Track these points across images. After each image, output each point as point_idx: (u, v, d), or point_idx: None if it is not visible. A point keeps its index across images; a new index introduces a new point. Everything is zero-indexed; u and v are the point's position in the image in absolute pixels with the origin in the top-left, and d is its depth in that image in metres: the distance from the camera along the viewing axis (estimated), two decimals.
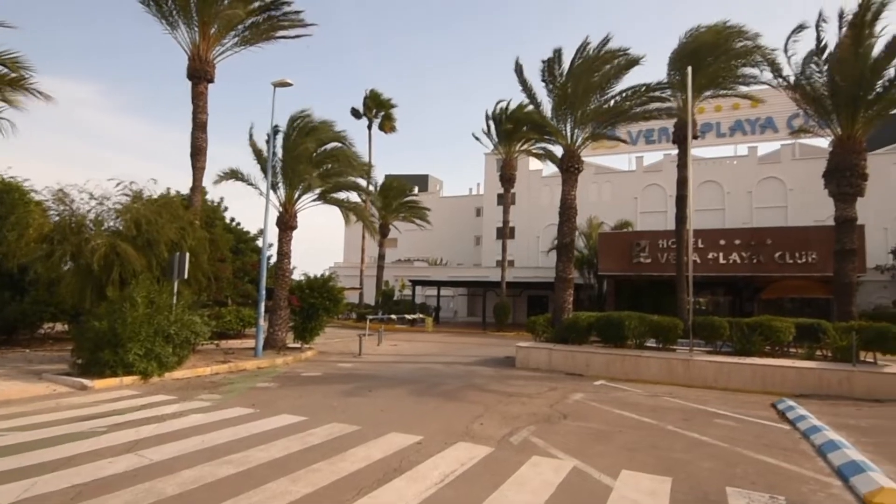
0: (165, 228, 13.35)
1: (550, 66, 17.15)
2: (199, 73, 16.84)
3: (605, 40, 16.45)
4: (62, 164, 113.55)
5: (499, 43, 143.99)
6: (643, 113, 18.19)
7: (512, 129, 29.02)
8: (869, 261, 26.17)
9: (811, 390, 11.56)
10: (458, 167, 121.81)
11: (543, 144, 21.06)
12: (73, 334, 13.42)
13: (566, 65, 17.07)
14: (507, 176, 31.84)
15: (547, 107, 18.15)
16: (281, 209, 18.08)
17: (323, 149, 18.38)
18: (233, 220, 23.77)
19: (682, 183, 18.11)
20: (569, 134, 17.63)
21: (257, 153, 18.50)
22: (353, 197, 22.55)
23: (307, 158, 17.60)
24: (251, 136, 18.56)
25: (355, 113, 38.62)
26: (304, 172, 17.42)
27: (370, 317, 25.99)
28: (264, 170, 17.85)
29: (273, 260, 19.60)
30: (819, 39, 16.36)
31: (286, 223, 17.98)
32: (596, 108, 17.38)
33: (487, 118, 31.30)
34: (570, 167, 17.48)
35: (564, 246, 17.35)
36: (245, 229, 24.22)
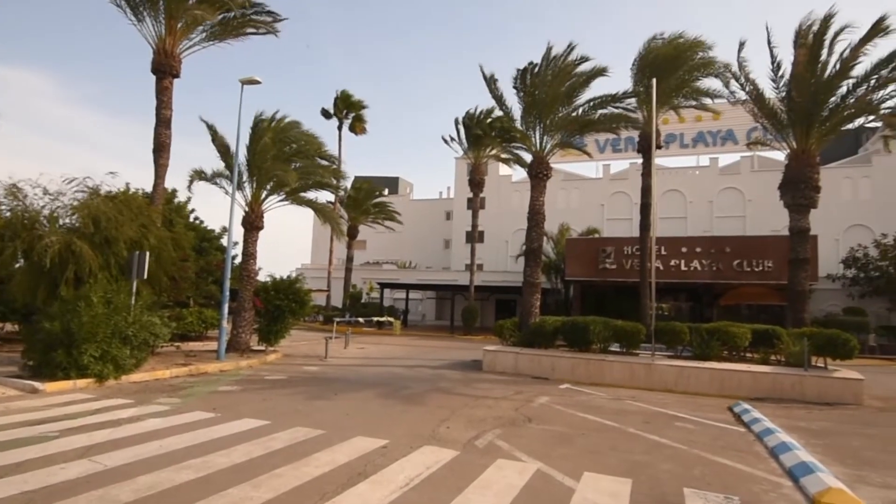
0: (125, 226, 12.91)
1: (523, 75, 17.38)
2: (165, 68, 16.40)
3: (570, 48, 16.77)
4: (13, 156, 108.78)
5: (472, 47, 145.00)
6: (609, 122, 18.59)
7: (482, 134, 29.25)
8: (821, 270, 27.37)
9: (765, 394, 11.99)
10: (429, 171, 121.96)
11: (513, 150, 21.29)
12: (23, 335, 12.85)
13: (532, 74, 17.31)
14: (476, 181, 32.05)
15: (516, 113, 18.40)
16: (247, 209, 17.74)
17: (291, 148, 18.12)
18: (196, 218, 23.22)
19: (646, 191, 18.58)
20: (537, 141, 17.87)
21: (222, 151, 18.10)
22: (322, 198, 22.33)
23: (274, 157, 17.31)
24: (213, 133, 18.12)
25: (325, 113, 38.23)
26: (270, 171, 17.13)
27: (337, 319, 25.71)
28: (229, 168, 17.50)
29: (238, 260, 19.20)
30: (774, 57, 17.08)
31: (252, 223, 17.65)
32: (564, 116, 17.67)
33: (457, 123, 31.45)
34: (538, 173, 17.71)
35: (532, 251, 17.56)
36: (209, 228, 23.68)
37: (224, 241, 20.86)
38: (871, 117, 17.77)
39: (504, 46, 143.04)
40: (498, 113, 22.57)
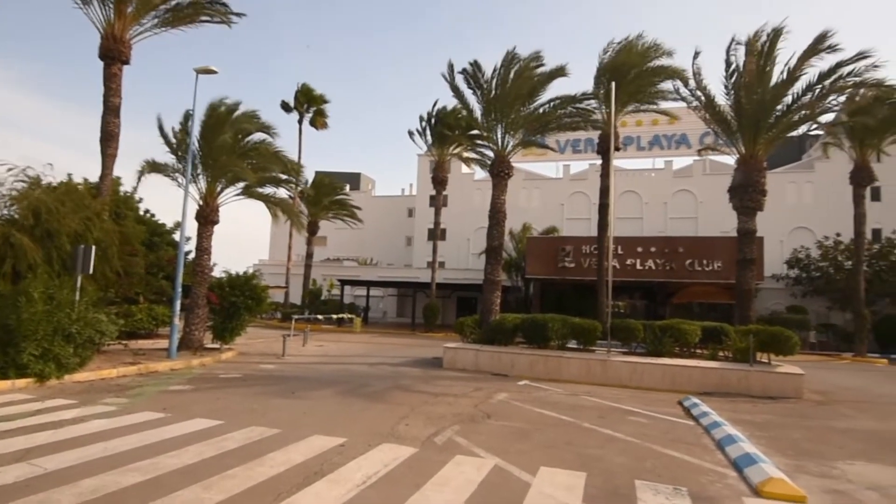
0: (68, 218, 12.31)
1: (479, 74, 17.49)
2: (113, 54, 15.70)
3: (535, 55, 17.00)
4: None
5: (437, 45, 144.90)
6: (570, 123, 18.95)
7: (445, 132, 29.30)
8: (767, 270, 28.67)
9: (714, 388, 12.47)
10: (392, 168, 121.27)
11: (476, 149, 21.41)
12: None
13: (494, 72, 17.44)
14: (439, 178, 32.08)
15: (480, 113, 18.48)
16: (201, 202, 17.17)
17: (248, 140, 17.65)
18: (147, 211, 22.33)
19: (604, 192, 19.02)
20: (499, 140, 18.02)
21: (176, 142, 17.45)
22: (282, 192, 21.79)
23: (230, 150, 16.82)
24: (160, 124, 17.45)
25: (285, 107, 37.36)
26: (226, 164, 16.63)
27: (296, 316, 25.27)
28: (180, 160, 16.90)
29: (192, 256, 18.58)
30: (729, 65, 17.76)
31: (207, 217, 17.11)
32: (525, 115, 17.89)
33: (422, 120, 31.39)
34: (500, 172, 17.87)
35: (493, 249, 17.71)
36: (161, 222, 22.81)
37: (177, 236, 20.12)
38: (814, 126, 18.77)
39: (469, 45, 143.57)
40: (462, 112, 22.60)
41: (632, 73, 18.38)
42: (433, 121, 30.65)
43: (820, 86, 16.88)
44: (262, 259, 48.55)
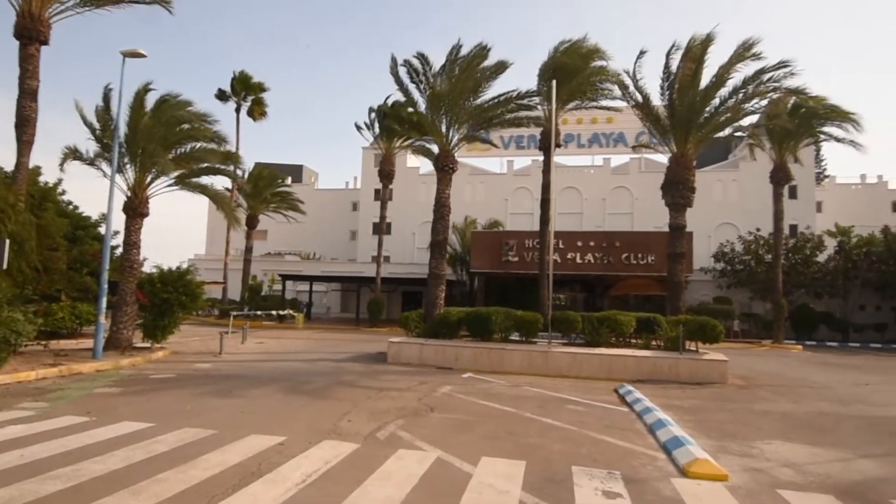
0: None
1: (424, 68, 17.45)
2: (30, 33, 14.55)
3: (482, 50, 17.08)
4: None
5: (387, 37, 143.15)
6: (513, 119, 19.25)
7: (393, 126, 29.03)
8: (696, 263, 30.29)
9: (647, 376, 13.08)
10: (336, 160, 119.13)
11: (422, 142, 21.36)
12: None
13: (439, 66, 17.46)
14: (385, 171, 31.77)
15: (425, 106, 18.43)
16: (129, 193, 16.20)
17: (181, 128, 16.78)
18: (70, 203, 20.89)
19: (545, 187, 19.46)
20: (445, 134, 18.05)
21: (101, 129, 16.37)
22: (219, 184, 20.92)
23: (161, 138, 15.94)
24: (80, 109, 16.31)
25: (222, 95, 35.71)
26: (156, 154, 15.71)
27: (234, 313, 24.38)
28: (104, 148, 15.89)
29: (119, 250, 17.52)
30: (667, 67, 18.54)
31: (135, 209, 16.14)
32: (470, 110, 18.00)
33: (371, 112, 30.92)
34: (445, 166, 17.91)
35: (438, 243, 17.76)
36: (85, 214, 21.41)
37: (103, 230, 18.93)
38: (739, 127, 19.97)
39: (418, 38, 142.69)
40: (409, 107, 22.42)
41: (573, 73, 18.83)
42: (382, 114, 30.27)
43: (744, 90, 17.99)
44: (198, 254, 46.52)
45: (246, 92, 35.59)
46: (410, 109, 20.96)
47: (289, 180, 45.61)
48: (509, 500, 4.89)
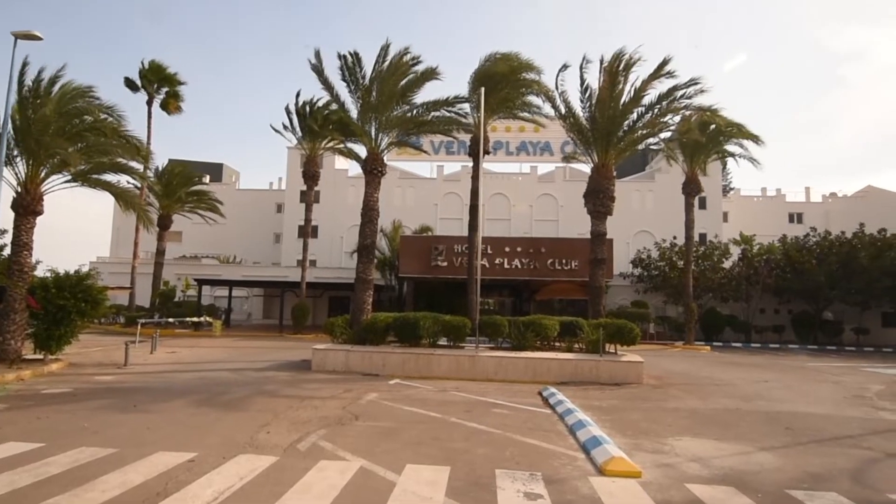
0: None
1: (352, 69, 17.15)
2: None
3: (411, 55, 17.06)
4: None
5: (311, 33, 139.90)
6: (443, 125, 19.31)
7: (317, 125, 28.21)
8: (616, 269, 31.73)
9: (569, 378, 13.48)
10: (260, 160, 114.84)
11: (349, 145, 20.95)
12: None
13: (369, 68, 17.24)
14: (310, 173, 30.84)
15: (352, 107, 18.13)
16: (20, 189, 14.65)
17: (84, 119, 15.38)
18: None
19: (474, 193, 19.69)
20: (373, 137, 17.81)
21: None
22: (127, 181, 19.27)
23: (58, 129, 14.53)
24: None
25: (131, 85, 32.86)
26: (51, 145, 14.29)
27: (143, 321, 22.67)
28: None
29: (7, 252, 15.76)
30: (583, 81, 19.35)
31: (27, 207, 14.57)
32: (400, 115, 17.88)
33: (289, 112, 29.79)
34: (373, 169, 17.66)
35: (365, 247, 17.47)
36: None
37: None
38: (655, 140, 21.20)
39: (343, 38, 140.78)
40: (334, 106, 21.89)
41: (502, 83, 19.21)
42: (305, 113, 29.30)
43: (658, 106, 19.11)
44: (101, 256, 43.04)
45: (159, 83, 33.19)
46: (335, 107, 20.39)
47: (207, 179, 43.38)
48: None
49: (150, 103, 33.08)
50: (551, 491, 5.31)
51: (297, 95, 28.69)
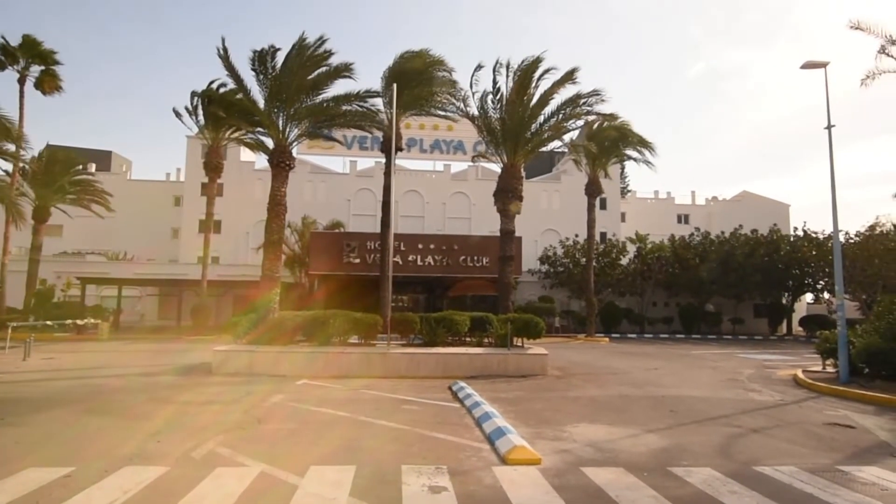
0: None
1: (263, 58, 16.45)
2: None
3: (326, 49, 16.63)
4: None
5: (214, 18, 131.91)
6: (356, 119, 19.02)
7: (220, 114, 26.59)
8: (524, 265, 32.94)
9: (479, 372, 13.80)
10: (155, 149, 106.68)
11: (255, 135, 20.03)
12: None
13: (280, 59, 16.64)
14: (213, 164, 29.05)
15: (260, 97, 17.36)
16: None
17: None
18: None
19: (387, 190, 19.57)
20: (281, 128, 17.16)
21: None
22: None
23: None
24: None
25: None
26: None
27: (14, 324, 20.29)
28: None
29: None
30: (495, 83, 19.88)
31: None
32: (310, 107, 17.39)
33: (194, 97, 27.91)
34: (280, 162, 17.03)
35: (272, 243, 16.83)
36: None
37: None
38: (561, 143, 22.24)
39: (252, 23, 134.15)
40: (240, 95, 20.79)
41: (415, 80, 19.25)
42: (206, 100, 27.50)
43: (563, 111, 20.12)
44: None
45: (32, 59, 29.47)
46: (240, 96, 19.39)
47: (93, 168, 39.69)
48: None
49: (21, 81, 29.42)
50: (455, 483, 5.41)
51: (211, 83, 26.72)
